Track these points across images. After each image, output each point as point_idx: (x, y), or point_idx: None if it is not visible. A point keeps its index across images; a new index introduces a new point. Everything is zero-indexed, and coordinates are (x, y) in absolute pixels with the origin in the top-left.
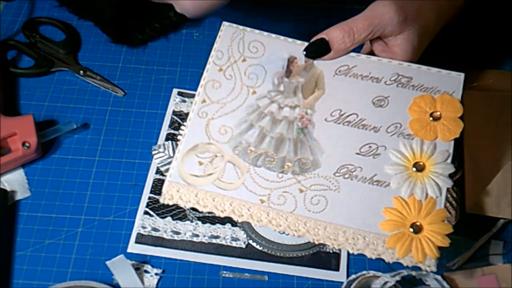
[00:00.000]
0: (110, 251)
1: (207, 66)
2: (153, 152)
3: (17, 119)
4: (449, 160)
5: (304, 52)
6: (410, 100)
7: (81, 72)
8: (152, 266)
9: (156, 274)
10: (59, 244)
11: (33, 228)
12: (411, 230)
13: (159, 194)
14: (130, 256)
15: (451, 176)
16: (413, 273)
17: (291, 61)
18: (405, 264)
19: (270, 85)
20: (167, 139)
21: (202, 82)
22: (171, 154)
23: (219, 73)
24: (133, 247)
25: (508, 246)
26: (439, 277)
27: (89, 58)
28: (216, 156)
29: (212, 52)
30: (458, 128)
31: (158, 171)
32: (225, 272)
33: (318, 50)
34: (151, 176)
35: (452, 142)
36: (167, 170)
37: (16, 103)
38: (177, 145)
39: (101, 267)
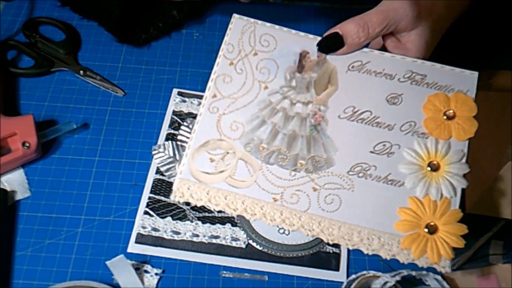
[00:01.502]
0: (110, 251)
1: (218, 60)
2: (153, 152)
3: (17, 119)
4: (464, 160)
5: (317, 47)
6: (424, 98)
7: (81, 72)
8: (152, 266)
9: (156, 274)
10: (59, 244)
11: (33, 228)
12: (426, 230)
13: (159, 194)
14: (130, 256)
15: (465, 176)
16: (413, 273)
17: (303, 55)
18: (420, 265)
19: (282, 80)
20: (167, 139)
21: (212, 76)
22: (171, 154)
23: (230, 67)
24: (133, 247)
25: (508, 246)
26: (439, 277)
27: (89, 58)
28: (227, 153)
29: (223, 46)
30: (473, 128)
31: (158, 171)
32: (225, 272)
33: (331, 45)
34: (151, 176)
35: (467, 142)
36: (167, 170)
37: (16, 103)
38: (177, 145)
39: (101, 267)
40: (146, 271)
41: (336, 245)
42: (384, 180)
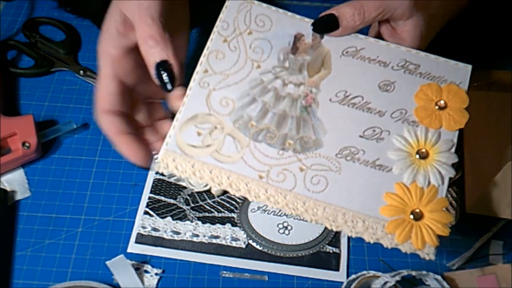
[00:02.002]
0: (110, 251)
1: (211, 36)
2: (153, 152)
3: (17, 119)
4: (453, 150)
5: (312, 27)
6: (416, 87)
7: (81, 72)
8: (152, 266)
9: (156, 274)
10: (59, 244)
11: (33, 228)
12: (412, 217)
13: (159, 194)
14: (130, 256)
15: (454, 165)
16: (413, 273)
17: (298, 38)
18: (403, 251)
19: (275, 61)
20: None
21: (205, 51)
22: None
23: (224, 44)
24: (133, 247)
25: (508, 246)
26: (439, 277)
27: (89, 58)
28: (215, 127)
29: (217, 23)
30: (464, 119)
31: (158, 171)
32: (225, 272)
33: (326, 26)
34: (151, 176)
35: (457, 132)
36: None
37: (16, 103)
38: None
39: (101, 267)
40: (146, 271)
41: (336, 245)
42: (372, 165)
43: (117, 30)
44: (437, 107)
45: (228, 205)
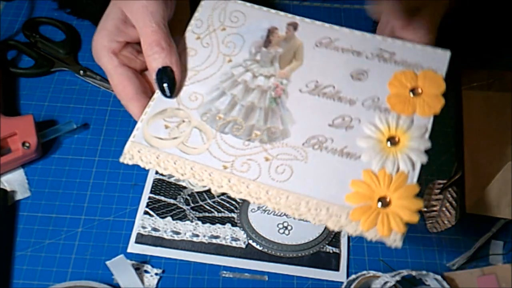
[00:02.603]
0: (110, 251)
1: (185, 35)
2: None
3: (17, 119)
4: (427, 136)
5: None
6: (390, 75)
7: (81, 72)
8: (152, 266)
9: (156, 274)
10: (59, 244)
11: (33, 228)
12: (379, 203)
13: (159, 194)
14: (130, 256)
15: (427, 152)
16: (413, 273)
17: (271, 31)
18: (368, 238)
19: (247, 54)
20: None
21: (179, 48)
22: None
23: (196, 41)
24: (133, 247)
25: (508, 246)
26: (439, 277)
27: (89, 58)
28: (183, 121)
29: (192, 21)
30: (439, 105)
31: (158, 171)
32: (225, 272)
33: None
34: (151, 176)
35: (431, 119)
36: None
37: (16, 103)
38: None
39: (101, 267)
40: (146, 271)
41: (336, 245)
42: (340, 153)
43: (116, 27)
44: (411, 94)
45: (228, 205)
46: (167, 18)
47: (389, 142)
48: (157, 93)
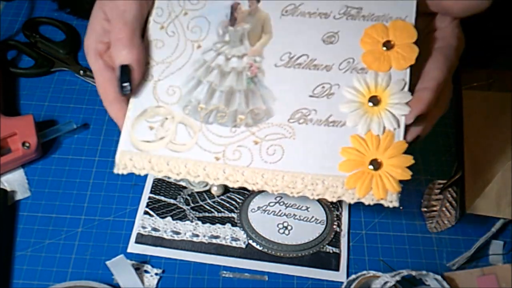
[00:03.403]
0: (110, 251)
1: (148, 26)
2: None
3: (17, 119)
4: (406, 89)
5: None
6: (361, 32)
7: (81, 72)
8: (152, 266)
9: (156, 274)
10: (59, 244)
11: (33, 228)
12: (371, 167)
13: (159, 194)
14: (130, 256)
15: (408, 103)
16: (413, 273)
17: (234, 7)
18: (366, 203)
19: (215, 36)
20: None
21: (144, 43)
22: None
23: (161, 31)
24: (133, 247)
25: (508, 246)
26: (439, 277)
27: None
28: (166, 118)
29: (152, 11)
30: (413, 54)
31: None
32: (225, 272)
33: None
34: (151, 176)
35: (408, 70)
36: None
37: (16, 103)
38: None
39: (101, 267)
40: (146, 271)
41: (336, 245)
42: (325, 123)
43: (102, 28)
44: (384, 48)
45: (228, 205)
46: (143, 17)
47: (371, 103)
48: (133, 94)
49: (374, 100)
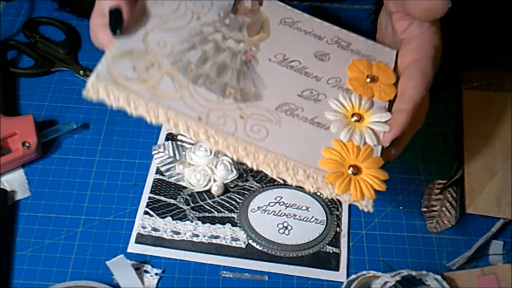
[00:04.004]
0: (110, 251)
1: None
2: (153, 152)
3: (17, 119)
4: (386, 110)
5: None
6: (349, 60)
7: (81, 72)
8: (152, 266)
9: (156, 274)
10: (59, 244)
11: (33, 228)
12: (350, 171)
13: (159, 194)
14: (130, 256)
15: (387, 123)
16: (413, 273)
17: (238, 1)
18: (343, 201)
19: (216, 16)
20: (167, 139)
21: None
22: (171, 154)
23: None
24: (133, 247)
25: (508, 246)
26: (439, 277)
27: (89, 58)
28: (152, 65)
29: None
30: (392, 93)
31: (158, 171)
32: (225, 272)
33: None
34: (151, 176)
35: (387, 103)
36: (167, 170)
37: (16, 103)
38: (177, 145)
39: (101, 267)
40: (146, 271)
41: (336, 245)
42: (311, 122)
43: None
44: (368, 80)
45: (228, 205)
46: None
47: (354, 117)
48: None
49: (357, 116)
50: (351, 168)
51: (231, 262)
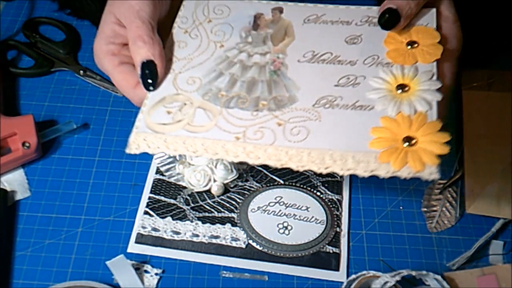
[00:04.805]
0: (110, 251)
1: (172, 31)
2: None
3: (17, 119)
4: (435, 78)
5: (379, 25)
6: (384, 35)
7: (81, 72)
8: (152, 266)
9: (156, 274)
10: (59, 244)
11: (33, 228)
12: (405, 144)
13: (159, 194)
14: (130, 256)
15: (439, 90)
16: (413, 273)
17: (258, 16)
18: (402, 177)
19: (238, 38)
20: None
21: (167, 44)
22: (171, 154)
23: (185, 34)
24: (133, 247)
25: (508, 246)
26: (439, 277)
27: (89, 58)
28: (185, 104)
29: (177, 19)
30: (438, 51)
31: (158, 171)
32: (225, 272)
33: (392, 21)
34: (151, 176)
35: (435, 64)
36: (167, 170)
37: (16, 103)
38: None
39: (101, 267)
40: (146, 271)
41: (336, 245)
42: (352, 107)
43: (112, 31)
44: (409, 47)
45: (228, 205)
46: (157, 16)
47: (399, 89)
48: None
49: (403, 87)
50: (405, 140)
51: (231, 262)
